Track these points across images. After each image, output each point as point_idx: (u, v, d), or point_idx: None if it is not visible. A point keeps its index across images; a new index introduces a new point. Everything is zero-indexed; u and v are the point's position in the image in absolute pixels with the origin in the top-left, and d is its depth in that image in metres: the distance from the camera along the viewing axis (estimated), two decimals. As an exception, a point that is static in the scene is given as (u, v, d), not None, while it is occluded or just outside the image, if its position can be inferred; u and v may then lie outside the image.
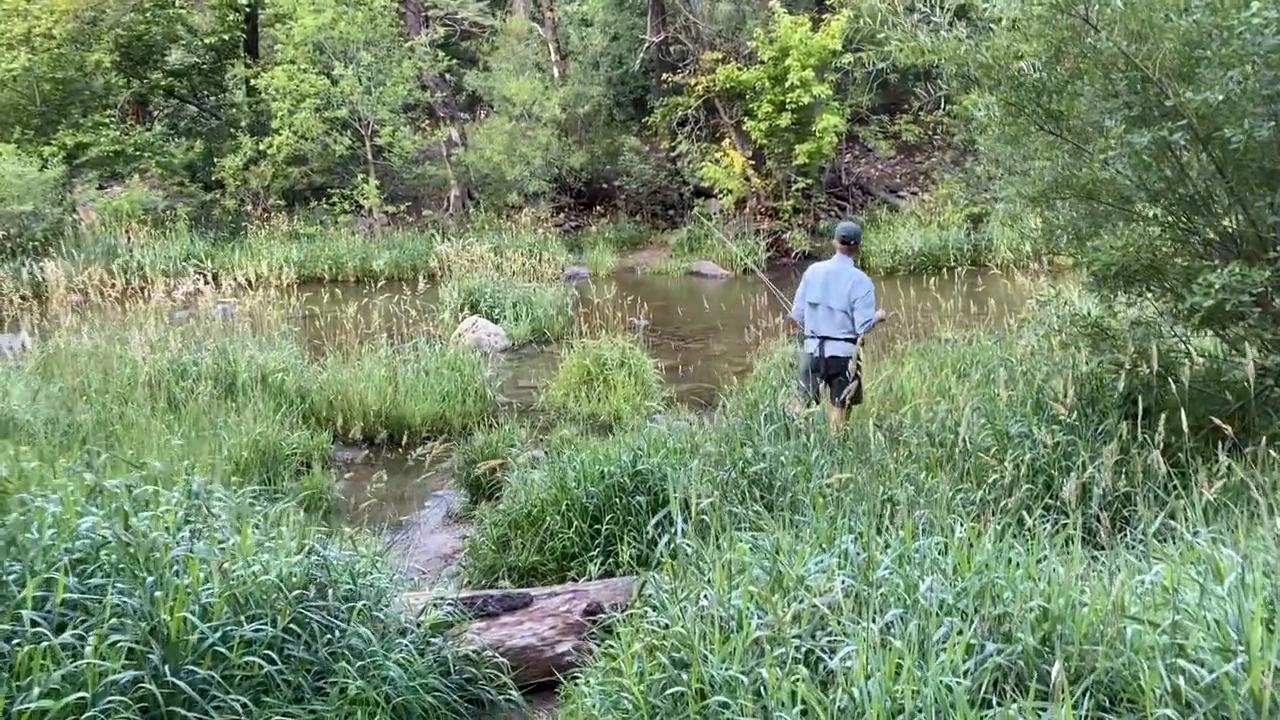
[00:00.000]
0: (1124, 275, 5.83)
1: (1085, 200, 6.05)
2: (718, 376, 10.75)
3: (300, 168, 21.87)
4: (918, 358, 9.26)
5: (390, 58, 22.04)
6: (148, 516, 3.09)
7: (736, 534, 3.56)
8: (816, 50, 19.47)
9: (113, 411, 7.73)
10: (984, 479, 5.30)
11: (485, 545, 5.82)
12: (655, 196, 23.90)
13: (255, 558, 3.03)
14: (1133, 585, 2.70)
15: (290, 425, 8.25)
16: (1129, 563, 3.04)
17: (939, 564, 3.03)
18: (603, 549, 5.34)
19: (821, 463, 5.61)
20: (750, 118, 20.65)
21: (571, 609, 4.60)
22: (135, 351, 7.93)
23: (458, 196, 23.51)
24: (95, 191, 21.22)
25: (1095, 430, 5.42)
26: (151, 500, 3.22)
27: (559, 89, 23.05)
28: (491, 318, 13.87)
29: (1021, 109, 5.95)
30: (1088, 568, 3.14)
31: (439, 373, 9.58)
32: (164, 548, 2.91)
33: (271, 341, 9.74)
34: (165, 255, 18.72)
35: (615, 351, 10.25)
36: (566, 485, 5.63)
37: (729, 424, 7.04)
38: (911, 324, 10.21)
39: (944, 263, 19.45)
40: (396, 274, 19.83)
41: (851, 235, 7.50)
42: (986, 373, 8.67)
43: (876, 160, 24.36)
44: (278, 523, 3.92)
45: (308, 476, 7.53)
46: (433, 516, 7.39)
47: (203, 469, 4.26)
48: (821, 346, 7.37)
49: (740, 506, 5.18)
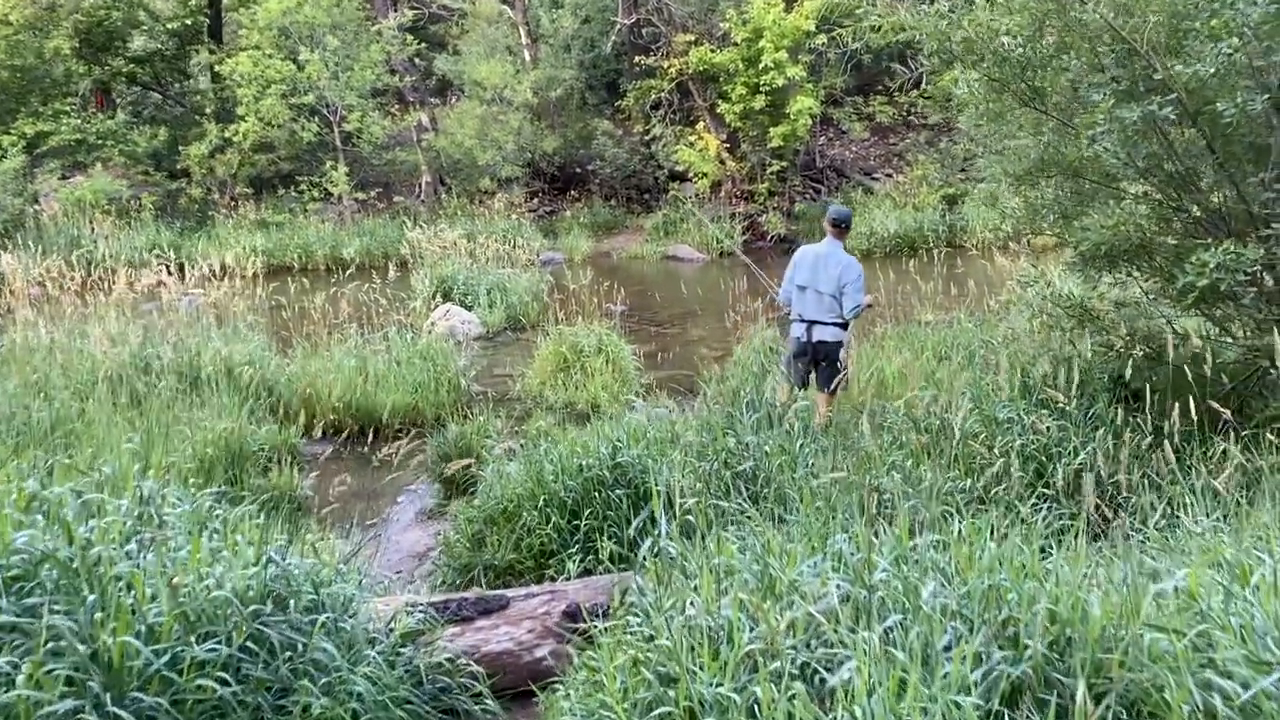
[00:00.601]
0: (1112, 255, 5.68)
1: (1071, 178, 5.90)
2: (697, 362, 10.57)
3: (267, 155, 21.45)
4: (898, 341, 9.13)
5: (358, 42, 21.63)
6: (93, 527, 2.87)
7: (724, 534, 3.38)
8: (790, 31, 19.26)
9: (72, 409, 7.46)
10: (973, 467, 5.17)
11: (460, 543, 5.62)
12: (630, 180, 23.65)
13: (209, 570, 2.81)
14: (1143, 584, 2.54)
15: (256, 420, 8.00)
16: (1137, 559, 2.89)
17: (938, 564, 2.86)
18: (582, 545, 5.14)
19: (807, 452, 5.45)
20: (724, 100, 20.43)
21: (550, 611, 4.41)
22: (94, 346, 7.64)
23: (429, 182, 23.17)
24: (58, 181, 20.72)
25: (1086, 415, 5.28)
26: (98, 509, 3.00)
27: (530, 72, 22.73)
28: (465, 305, 13.63)
29: (1005, 85, 5.79)
30: (1093, 565, 2.99)
31: (411, 363, 9.34)
32: (109, 562, 2.70)
33: (237, 333, 9.46)
34: (130, 246, 18.30)
35: (592, 338, 10.06)
36: (543, 479, 5.43)
37: (710, 412, 6.87)
38: (891, 307, 10.06)
39: (920, 244, 19.36)
40: (367, 262, 19.47)
41: (843, 218, 7.34)
42: (968, 355, 8.58)
43: (851, 142, 24.22)
44: (237, 529, 3.69)
45: (274, 474, 7.29)
46: (405, 513, 7.18)
47: (158, 472, 4.02)
48: (809, 330, 7.21)
49: (724, 500, 5.02)
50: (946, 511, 4.54)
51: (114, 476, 3.36)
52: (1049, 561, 2.95)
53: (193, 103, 23.74)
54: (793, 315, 7.37)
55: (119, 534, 2.87)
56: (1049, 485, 4.80)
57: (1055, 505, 4.69)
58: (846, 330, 7.33)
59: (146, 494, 3.19)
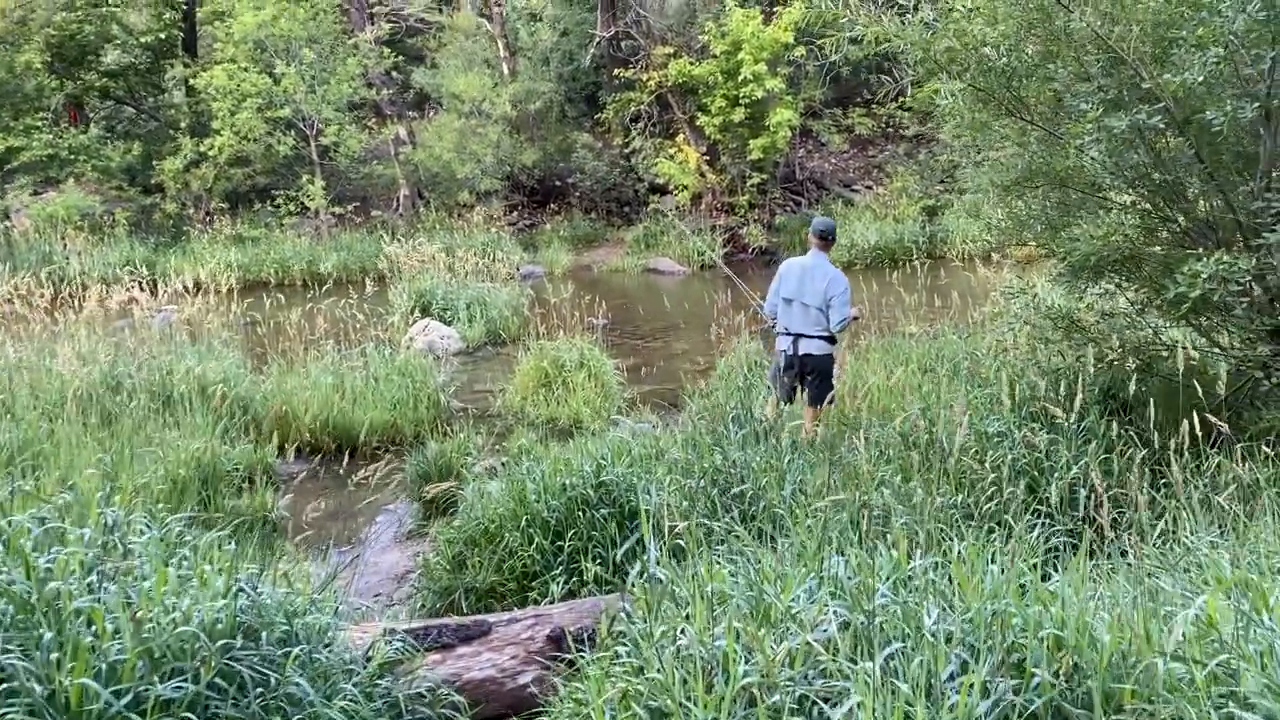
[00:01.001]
0: (1100, 265, 5.62)
1: (1058, 189, 5.84)
2: (681, 376, 10.47)
3: (243, 169, 21.23)
4: (883, 354, 9.06)
5: (334, 55, 21.47)
6: (54, 558, 2.71)
7: (715, 557, 3.26)
8: (769, 44, 19.27)
9: (41, 430, 7.26)
10: (964, 482, 5.08)
11: (439, 565, 5.47)
12: (610, 193, 23.57)
13: (175, 603, 2.67)
14: (1152, 608, 2.44)
15: (230, 440, 7.82)
16: (1144, 581, 2.79)
17: (937, 586, 2.76)
18: (566, 567, 5.01)
19: (795, 468, 5.34)
20: (703, 113, 20.40)
21: (534, 636, 4.28)
22: (62, 365, 7.46)
23: (407, 196, 23.00)
24: (29, 197, 20.43)
25: (1077, 428, 5.20)
26: (59, 538, 2.85)
27: (509, 86, 22.63)
28: (444, 320, 13.47)
29: (989, 95, 5.72)
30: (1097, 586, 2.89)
31: (389, 379, 9.19)
32: (68, 596, 2.55)
33: (211, 350, 9.28)
34: (104, 262, 18.04)
35: (574, 353, 9.93)
36: (525, 499, 5.29)
37: (695, 427, 6.76)
38: (875, 319, 9.99)
39: (900, 256, 19.38)
40: (345, 276, 19.31)
41: (828, 230, 7.27)
42: (954, 368, 8.51)
43: (830, 154, 24.25)
44: (207, 556, 3.55)
45: (249, 495, 7.12)
46: (384, 533, 7.02)
47: (125, 496, 3.87)
48: (796, 344, 7.11)
49: (712, 519, 4.90)
50: (940, 529, 4.45)
51: (76, 503, 3.20)
52: (1052, 584, 2.84)
53: (167, 117, 23.48)
54: (778, 329, 7.27)
55: (80, 565, 2.72)
56: (1042, 501, 4.71)
57: (1049, 521, 4.60)
58: (834, 344, 7.25)
59: (111, 522, 3.04)
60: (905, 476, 5.29)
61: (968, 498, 4.92)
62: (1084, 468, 4.80)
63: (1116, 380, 5.55)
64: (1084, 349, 5.50)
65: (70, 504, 3.18)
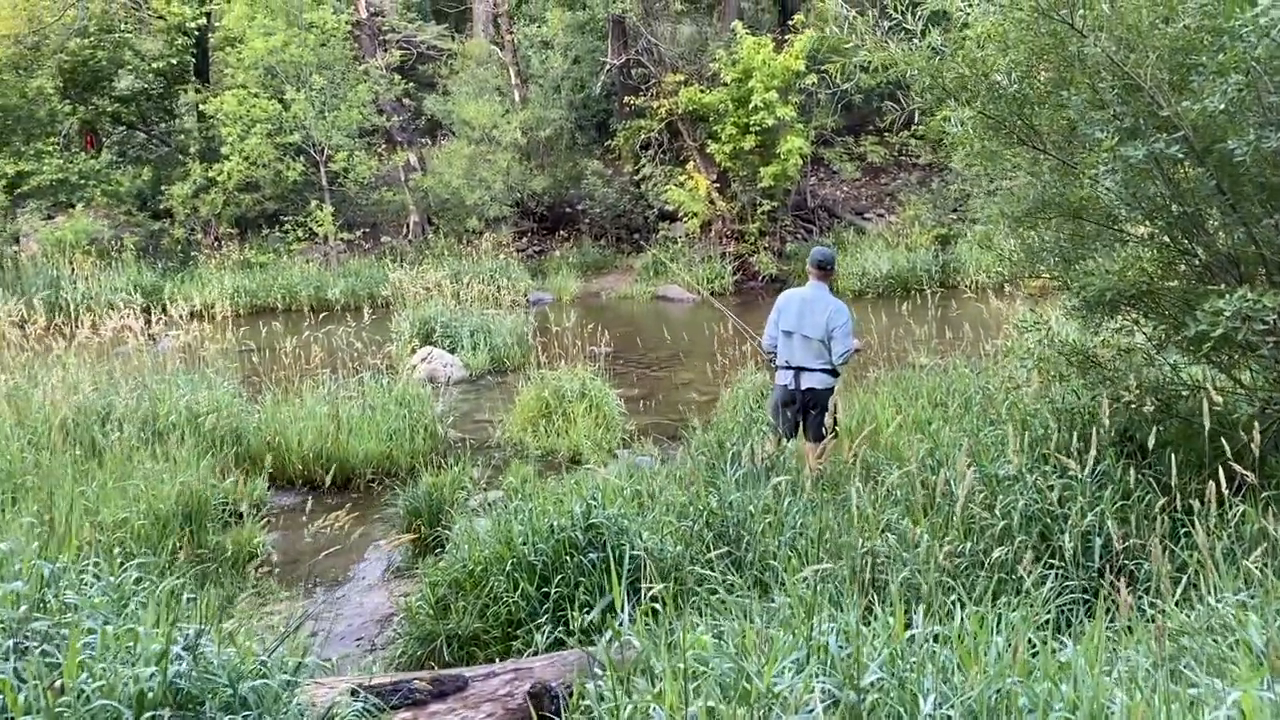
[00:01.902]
0: (1116, 300, 5.37)
1: (1072, 220, 5.61)
2: (684, 408, 10.24)
3: (252, 195, 21.19)
4: (892, 387, 8.79)
5: (345, 81, 21.47)
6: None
7: (700, 613, 3.02)
8: (780, 71, 19.13)
9: (26, 460, 7.07)
10: (972, 528, 4.82)
11: (422, 609, 5.23)
12: (619, 220, 23.43)
13: (104, 668, 2.44)
14: (1175, 690, 2.19)
15: (222, 471, 7.61)
16: (1160, 658, 2.53)
17: (937, 658, 2.51)
18: (552, 615, 4.76)
19: (794, 511, 5.09)
20: (714, 140, 20.25)
21: (513, 692, 4.03)
22: (43, 394, 7.28)
23: (417, 222, 22.92)
24: (40, 222, 20.42)
25: (1091, 472, 4.93)
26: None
27: (519, 112, 22.57)
28: (448, 348, 13.28)
29: (1000, 123, 5.51)
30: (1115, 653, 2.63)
31: (385, 409, 8.98)
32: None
33: (205, 379, 9.09)
34: (110, 287, 17.95)
35: (575, 382, 9.71)
36: (512, 541, 5.05)
37: (693, 465, 6.51)
38: (885, 350, 9.74)
39: (913, 285, 19.12)
40: (353, 303, 19.16)
41: (827, 260, 7.06)
42: (965, 403, 8.24)
43: (842, 182, 24.06)
44: (161, 608, 3.32)
45: (236, 530, 6.90)
46: (372, 571, 6.79)
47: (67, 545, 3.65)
48: (797, 377, 6.88)
49: (705, 565, 4.65)
50: (946, 581, 4.19)
51: (13, 553, 2.97)
52: (1065, 654, 2.59)
53: (178, 142, 23.52)
54: (779, 362, 7.04)
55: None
56: (1054, 552, 4.44)
57: (1062, 572, 4.33)
58: (836, 377, 7.01)
59: (47, 574, 2.82)
60: (912, 520, 5.03)
61: (976, 545, 4.66)
62: (1099, 516, 4.54)
63: (1133, 422, 5.28)
64: (1098, 388, 5.24)
65: (8, 553, 2.97)
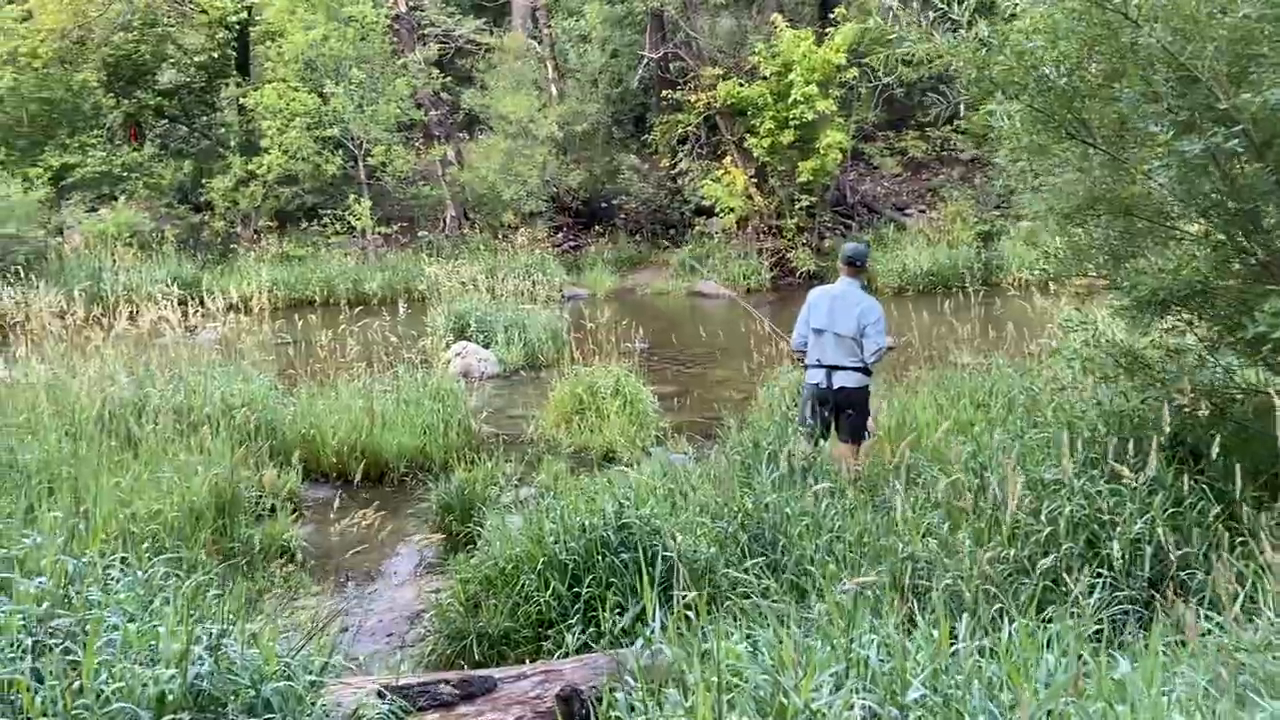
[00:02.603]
0: (1167, 300, 5.19)
1: (1122, 217, 5.43)
2: (719, 406, 10.11)
3: (291, 188, 21.30)
4: (933, 386, 8.62)
5: (383, 76, 21.53)
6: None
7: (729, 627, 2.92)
8: (820, 65, 18.92)
9: (64, 451, 7.11)
10: (1016, 533, 4.67)
11: (453, 607, 5.17)
12: (655, 215, 23.33)
13: (123, 669, 2.39)
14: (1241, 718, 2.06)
15: (256, 463, 7.61)
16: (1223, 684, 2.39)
17: (983, 673, 2.39)
18: (583, 615, 4.68)
19: (832, 514, 4.97)
20: (752, 135, 20.08)
21: (542, 695, 3.95)
22: (78, 384, 7.32)
23: (453, 217, 22.94)
24: (83, 214, 20.68)
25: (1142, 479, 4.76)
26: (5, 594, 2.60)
27: (556, 107, 22.52)
28: (482, 342, 13.25)
29: (1050, 116, 5.33)
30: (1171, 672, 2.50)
31: (419, 403, 8.94)
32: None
33: (240, 371, 9.11)
34: (151, 279, 18.12)
35: (609, 378, 9.62)
36: (543, 540, 4.98)
37: (728, 464, 6.40)
38: (926, 349, 9.56)
39: (954, 282, 18.84)
40: (390, 296, 19.23)
41: (859, 256, 6.92)
42: (1007, 404, 8.05)
43: (882, 178, 23.78)
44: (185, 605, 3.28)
45: (269, 521, 6.89)
46: (404, 566, 6.75)
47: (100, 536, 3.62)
48: (829, 376, 6.75)
49: (739, 568, 4.55)
50: (990, 590, 4.06)
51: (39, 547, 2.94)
52: (1119, 671, 2.46)
53: (218, 136, 23.73)
54: (809, 361, 6.91)
55: (18, 628, 2.46)
56: (1103, 560, 4.28)
57: (1111, 582, 4.18)
58: (869, 375, 6.88)
59: (71, 570, 2.78)
60: (954, 524, 4.90)
61: (1020, 551, 4.52)
62: (1150, 524, 4.38)
63: (1185, 425, 5.10)
64: (1149, 390, 5.07)
65: (34, 548, 2.93)
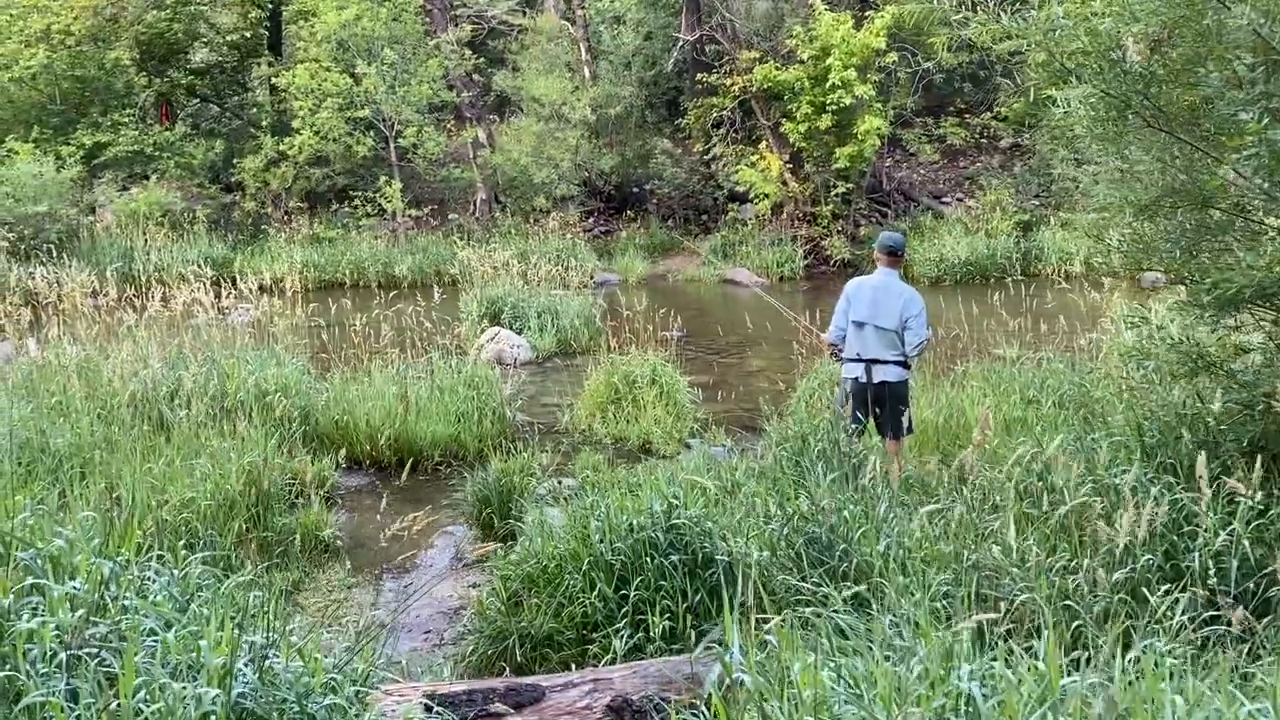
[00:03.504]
0: (1260, 296, 4.92)
1: (1200, 209, 5.15)
2: (757, 397, 9.89)
3: (322, 169, 21.18)
4: (981, 381, 8.37)
5: (416, 56, 21.35)
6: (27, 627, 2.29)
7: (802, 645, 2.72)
8: (859, 49, 18.55)
9: (97, 434, 7.01)
10: (1084, 541, 4.44)
11: (493, 605, 5.01)
12: (688, 201, 23.05)
13: (162, 684, 2.23)
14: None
15: (288, 450, 7.48)
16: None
17: (1090, 709, 2.17)
18: (631, 619, 4.50)
19: (891, 518, 4.75)
20: (788, 119, 19.74)
21: (591, 705, 3.78)
22: (109, 368, 7.21)
23: (484, 200, 22.76)
24: (115, 193, 20.67)
25: (1220, 487, 4.51)
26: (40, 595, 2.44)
27: (589, 89, 22.26)
28: (515, 329, 13.09)
29: (1125, 103, 5.06)
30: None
31: (454, 390, 8.79)
32: (38, 680, 2.12)
33: (274, 355, 8.98)
34: (182, 259, 18.07)
35: (646, 368, 9.43)
36: (588, 538, 4.80)
37: (775, 460, 6.20)
38: (973, 341, 9.29)
39: (992, 273, 18.51)
40: (420, 280, 19.10)
41: (899, 246, 6.71)
42: (1058, 400, 7.80)
43: (919, 165, 23.37)
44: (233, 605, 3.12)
45: (303, 511, 6.76)
46: (440, 559, 6.59)
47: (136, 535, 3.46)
48: (869, 371, 6.51)
49: (797, 574, 4.35)
50: (1070, 607, 3.85)
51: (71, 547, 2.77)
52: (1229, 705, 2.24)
53: (250, 115, 23.65)
54: (848, 354, 6.67)
55: (50, 640, 2.30)
56: (1183, 575, 4.04)
57: (1195, 598, 3.94)
58: (909, 370, 6.66)
59: (106, 574, 2.62)
60: (1019, 530, 4.67)
61: (1092, 561, 4.29)
62: (1233, 536, 4.14)
63: (1268, 431, 4.84)
64: (1230, 393, 4.81)
65: (66, 547, 2.77)
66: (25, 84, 20.08)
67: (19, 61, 19.70)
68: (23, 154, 18.50)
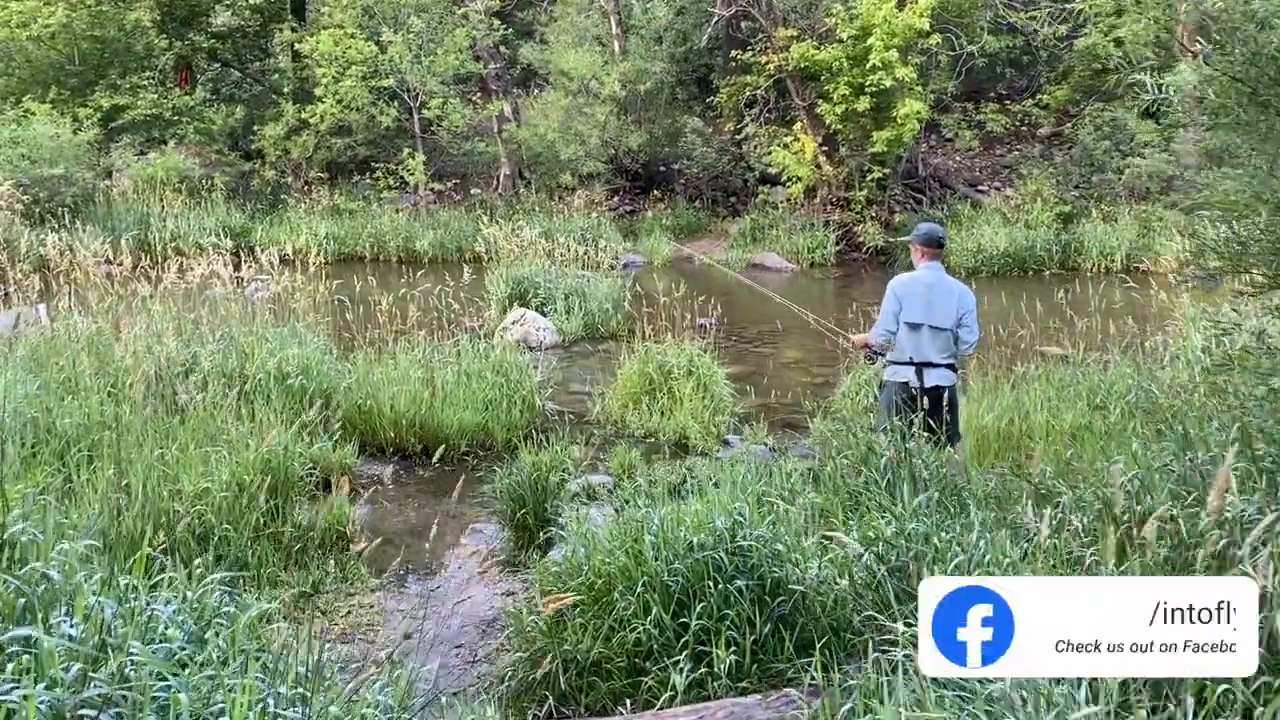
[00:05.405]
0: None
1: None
2: (796, 390, 9.41)
3: (344, 139, 20.69)
4: (1043, 383, 7.85)
5: (443, 26, 20.80)
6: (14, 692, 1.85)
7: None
8: (901, 30, 17.92)
9: (107, 414, 6.57)
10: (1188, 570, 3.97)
11: (533, 623, 4.55)
12: (717, 182, 22.47)
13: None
14: None
15: (308, 435, 7.04)
16: None
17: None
18: (692, 650, 4.04)
19: (975, 541, 4.27)
20: (825, 100, 19.13)
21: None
22: (121, 345, 6.77)
23: (508, 175, 22.25)
24: (133, 157, 20.23)
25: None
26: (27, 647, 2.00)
27: (619, 64, 21.67)
28: (541, 311, 12.62)
29: (1256, 86, 4.54)
30: None
31: (481, 376, 8.34)
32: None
33: (294, 333, 8.54)
34: (200, 227, 17.65)
35: (682, 358, 8.95)
36: (642, 556, 4.33)
37: (836, 470, 5.71)
38: (1036, 338, 8.76)
39: (1030, 264, 17.96)
40: (441, 256, 18.67)
41: (940, 237, 6.22)
42: (1128, 408, 7.29)
43: (955, 151, 22.74)
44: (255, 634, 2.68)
45: (324, 503, 6.33)
46: (470, 560, 6.13)
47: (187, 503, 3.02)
48: (920, 375, 6.01)
49: (880, 607, 3.89)
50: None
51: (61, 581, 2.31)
52: None
53: (271, 82, 23.15)
54: (898, 357, 6.15)
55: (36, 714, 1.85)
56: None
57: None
58: (957, 372, 6.19)
59: (107, 617, 2.17)
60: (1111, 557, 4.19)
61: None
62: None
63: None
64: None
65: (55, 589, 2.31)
66: (43, 43, 19.61)
67: (38, 19, 19.21)
68: (40, 114, 18.07)
